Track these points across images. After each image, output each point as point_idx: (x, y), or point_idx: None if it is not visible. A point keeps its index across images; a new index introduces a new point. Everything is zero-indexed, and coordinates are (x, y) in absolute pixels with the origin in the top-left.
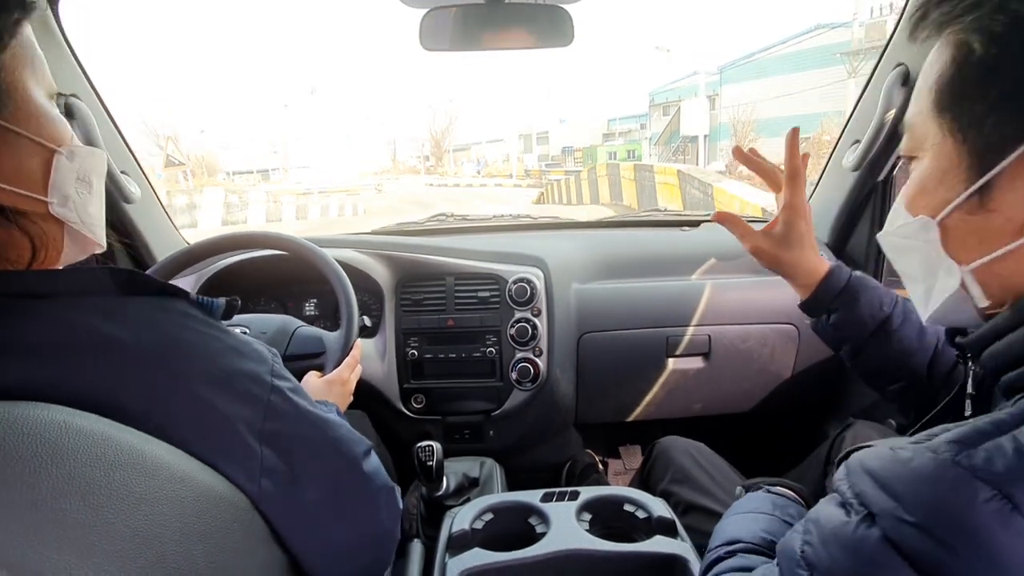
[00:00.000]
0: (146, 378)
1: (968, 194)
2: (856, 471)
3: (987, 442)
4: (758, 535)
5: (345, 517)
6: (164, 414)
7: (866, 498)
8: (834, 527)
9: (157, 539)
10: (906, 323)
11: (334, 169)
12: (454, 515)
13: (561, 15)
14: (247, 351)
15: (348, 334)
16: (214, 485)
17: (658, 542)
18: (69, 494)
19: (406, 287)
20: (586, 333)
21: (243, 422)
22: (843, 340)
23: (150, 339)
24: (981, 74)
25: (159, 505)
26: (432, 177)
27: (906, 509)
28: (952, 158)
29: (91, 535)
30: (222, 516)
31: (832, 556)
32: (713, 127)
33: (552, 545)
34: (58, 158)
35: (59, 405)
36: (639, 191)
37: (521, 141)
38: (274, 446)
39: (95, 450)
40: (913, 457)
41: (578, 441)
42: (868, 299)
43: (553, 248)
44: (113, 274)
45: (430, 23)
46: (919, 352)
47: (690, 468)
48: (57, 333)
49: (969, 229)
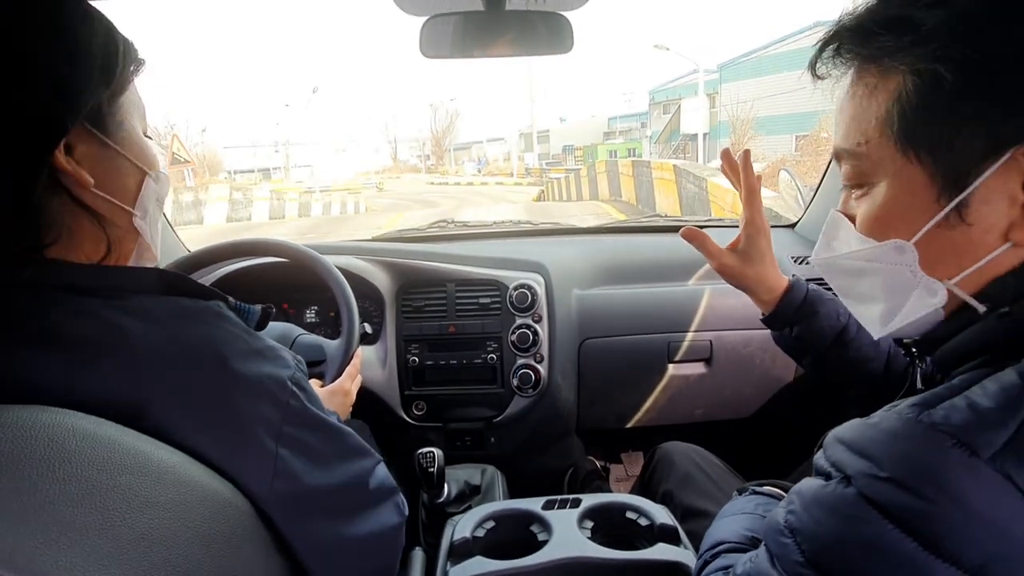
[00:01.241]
0: (170, 377)
1: (947, 212)
2: (831, 444)
3: (943, 402)
4: (740, 534)
5: (352, 524)
6: (185, 413)
7: (842, 464)
8: (814, 492)
9: (162, 543)
10: (861, 331)
11: (335, 168)
12: (455, 523)
13: (561, 22)
14: (272, 355)
15: (349, 341)
16: (220, 490)
17: (660, 550)
18: (75, 497)
19: (407, 294)
20: (587, 339)
21: (262, 422)
22: (805, 351)
23: (178, 338)
24: (950, 100)
25: (165, 509)
26: (433, 176)
27: (879, 466)
28: (921, 181)
29: (97, 538)
30: (227, 520)
31: (815, 519)
32: (713, 125)
33: (554, 553)
34: (148, 180)
35: (68, 409)
36: (637, 187)
37: (522, 140)
38: (291, 448)
39: (102, 454)
40: (881, 421)
41: (579, 447)
42: (826, 311)
43: (554, 254)
44: (160, 275)
45: (430, 31)
46: (875, 358)
47: (691, 472)
48: (93, 330)
49: (946, 245)
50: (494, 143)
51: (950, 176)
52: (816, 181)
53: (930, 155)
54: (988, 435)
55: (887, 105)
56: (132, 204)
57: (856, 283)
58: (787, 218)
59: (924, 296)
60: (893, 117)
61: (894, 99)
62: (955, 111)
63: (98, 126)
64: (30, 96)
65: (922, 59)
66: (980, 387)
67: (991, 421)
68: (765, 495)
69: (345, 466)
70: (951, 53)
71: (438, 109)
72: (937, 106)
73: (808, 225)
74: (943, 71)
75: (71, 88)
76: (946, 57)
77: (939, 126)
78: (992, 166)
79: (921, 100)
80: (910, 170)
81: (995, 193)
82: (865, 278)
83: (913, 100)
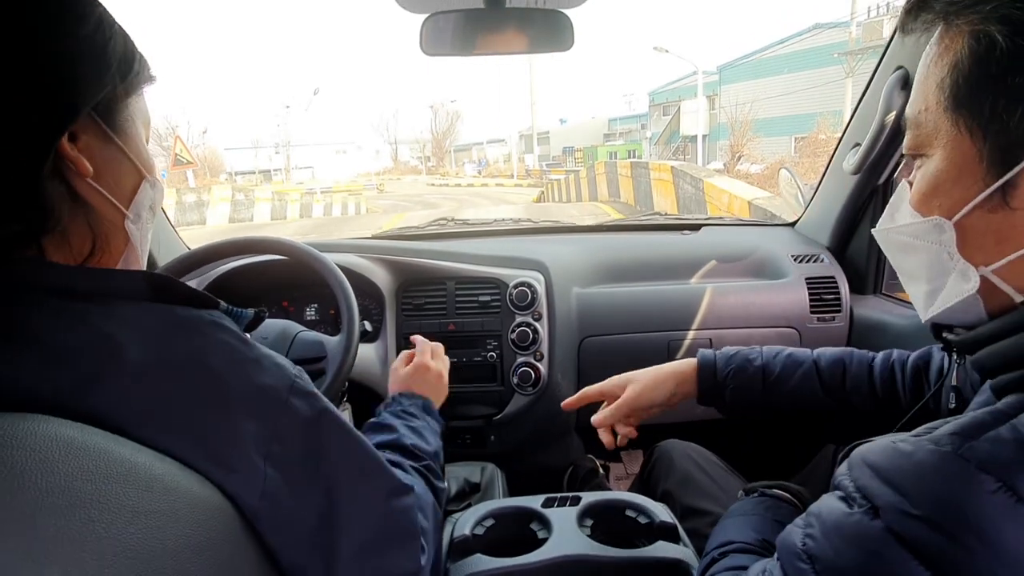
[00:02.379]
0: (161, 392)
1: (991, 191)
2: (858, 465)
3: (987, 432)
4: (750, 535)
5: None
6: (174, 428)
7: (869, 492)
8: (836, 519)
9: (151, 554)
10: (777, 363)
11: (336, 170)
12: (455, 520)
13: (561, 20)
14: (267, 365)
15: (349, 339)
16: (209, 497)
17: (660, 548)
18: (60, 508)
19: (407, 291)
20: (587, 337)
21: (251, 439)
22: (751, 408)
23: (170, 353)
24: (1005, 67)
25: (153, 519)
26: (433, 177)
27: (911, 503)
28: (969, 155)
29: (82, 551)
30: (217, 528)
31: (836, 549)
32: (712, 127)
33: (554, 551)
34: (145, 184)
35: (53, 416)
36: (636, 188)
37: (522, 141)
38: (278, 466)
39: (87, 463)
40: (915, 451)
41: (579, 446)
42: (739, 362)
43: (554, 252)
44: (148, 279)
45: (430, 28)
46: (805, 384)
47: (691, 471)
48: (82, 339)
49: (987, 229)
50: (494, 145)
51: (998, 153)
52: (815, 182)
53: (981, 128)
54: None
55: (946, 70)
56: (126, 205)
57: (905, 259)
58: (786, 217)
59: (959, 281)
60: (947, 84)
61: (952, 64)
62: (1005, 81)
63: (105, 118)
64: (50, 77)
65: (981, 20)
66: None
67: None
68: (773, 498)
69: (348, 489)
70: (1010, 14)
71: (438, 111)
72: (989, 74)
73: (808, 224)
74: (996, 35)
75: (88, 75)
76: (1004, 18)
77: (990, 96)
78: None
79: (974, 66)
80: (960, 143)
81: None
82: (909, 255)
83: (966, 66)
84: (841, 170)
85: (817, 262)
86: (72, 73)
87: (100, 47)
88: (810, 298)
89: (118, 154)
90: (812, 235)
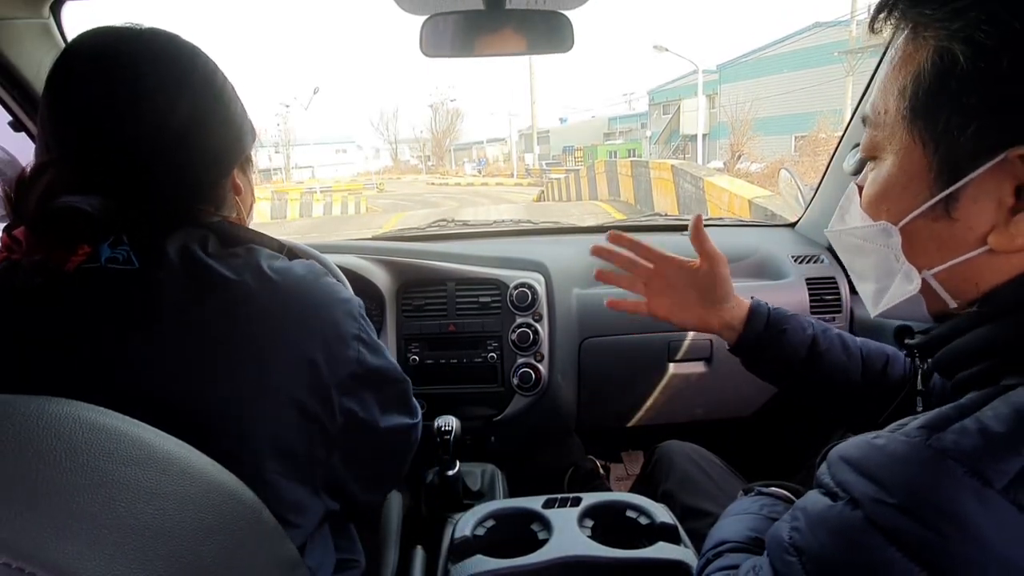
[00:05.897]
0: (298, 317)
1: (935, 201)
2: (836, 462)
3: (953, 424)
4: (744, 534)
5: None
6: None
7: (847, 485)
8: (820, 512)
9: (167, 534)
10: (827, 337)
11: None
12: (456, 521)
13: (561, 21)
14: (353, 302)
15: None
16: (225, 481)
17: (661, 548)
18: (82, 487)
19: (407, 292)
20: (587, 338)
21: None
22: (783, 373)
23: (308, 289)
24: (962, 87)
25: (170, 500)
26: (433, 176)
27: (887, 492)
28: (920, 165)
29: (102, 528)
30: (230, 512)
31: (820, 541)
32: (712, 126)
33: (554, 552)
34: (253, 206)
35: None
36: (636, 187)
37: (522, 141)
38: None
39: (108, 445)
40: (888, 443)
41: (580, 447)
42: (793, 325)
43: (554, 253)
44: (280, 244)
45: (430, 30)
46: (850, 367)
47: (691, 472)
48: (250, 276)
49: (930, 236)
50: (494, 144)
51: (946, 166)
52: (815, 181)
53: (934, 140)
54: (1000, 463)
55: (908, 78)
56: (248, 213)
57: (855, 259)
58: (787, 218)
59: (903, 282)
60: (908, 92)
61: (915, 73)
62: (961, 99)
63: (246, 161)
64: (237, 130)
65: (947, 37)
66: (991, 408)
67: (1003, 448)
68: (771, 496)
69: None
70: (975, 36)
71: (438, 110)
72: (948, 90)
73: (808, 224)
74: (959, 55)
75: (245, 132)
76: (968, 40)
77: (945, 111)
78: (986, 164)
79: (935, 81)
80: (913, 151)
81: (985, 193)
82: (859, 256)
83: (927, 79)
84: (841, 171)
85: (817, 263)
86: (241, 130)
87: (244, 116)
88: (810, 299)
89: (247, 183)
90: (812, 236)
